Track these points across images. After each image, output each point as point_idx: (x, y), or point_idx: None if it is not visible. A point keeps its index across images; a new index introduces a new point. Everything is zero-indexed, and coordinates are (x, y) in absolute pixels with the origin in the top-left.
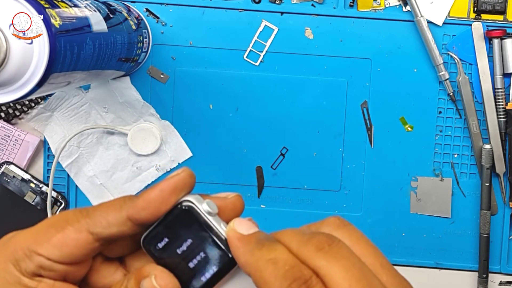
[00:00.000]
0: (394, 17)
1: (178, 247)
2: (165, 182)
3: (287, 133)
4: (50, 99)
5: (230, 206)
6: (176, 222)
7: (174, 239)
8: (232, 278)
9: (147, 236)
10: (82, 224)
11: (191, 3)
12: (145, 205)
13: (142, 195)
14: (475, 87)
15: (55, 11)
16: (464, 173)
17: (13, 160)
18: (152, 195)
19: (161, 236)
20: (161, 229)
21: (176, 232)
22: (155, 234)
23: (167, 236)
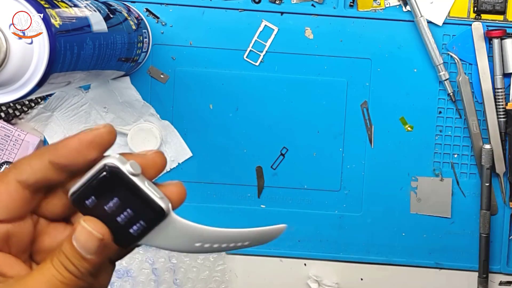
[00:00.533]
0: (394, 17)
1: (105, 205)
2: (84, 134)
3: (287, 133)
4: (50, 99)
5: (151, 163)
6: (102, 182)
7: (101, 198)
8: (162, 231)
9: (75, 193)
10: (9, 175)
11: (191, 3)
12: (64, 152)
13: (62, 141)
14: (475, 87)
15: (55, 11)
16: (464, 173)
17: (13, 160)
18: (71, 144)
19: (88, 194)
20: (88, 187)
21: (102, 191)
22: (82, 191)
23: (94, 194)
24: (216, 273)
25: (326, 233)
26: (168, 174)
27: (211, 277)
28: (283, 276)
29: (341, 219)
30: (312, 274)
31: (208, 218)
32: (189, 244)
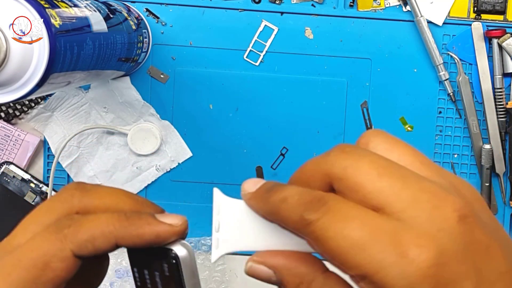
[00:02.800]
0: (394, 17)
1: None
2: (163, 227)
3: (287, 133)
4: (50, 99)
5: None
6: (159, 255)
7: (150, 266)
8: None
9: (135, 255)
10: (67, 252)
11: (191, 3)
12: (134, 241)
13: (136, 229)
14: (475, 87)
15: (55, 11)
16: (464, 173)
17: (13, 160)
18: (146, 236)
19: (142, 256)
20: (145, 251)
21: (154, 262)
22: (140, 258)
23: (147, 259)
24: (216, 273)
25: None
26: (168, 174)
27: (211, 277)
28: None
29: None
30: None
31: (208, 218)
32: None
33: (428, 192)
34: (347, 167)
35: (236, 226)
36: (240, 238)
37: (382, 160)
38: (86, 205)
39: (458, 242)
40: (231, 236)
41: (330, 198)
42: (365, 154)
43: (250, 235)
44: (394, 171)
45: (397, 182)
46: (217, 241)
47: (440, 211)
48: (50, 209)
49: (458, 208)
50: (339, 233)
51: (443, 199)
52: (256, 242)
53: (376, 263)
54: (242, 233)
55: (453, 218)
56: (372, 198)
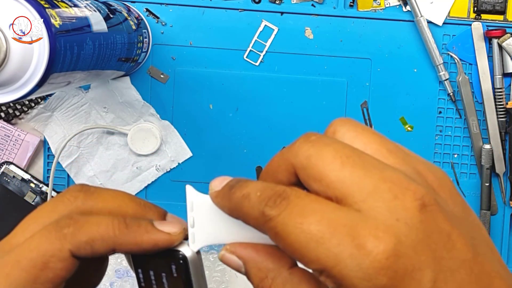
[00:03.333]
0: (394, 17)
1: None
2: (162, 236)
3: (287, 133)
4: (50, 99)
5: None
6: (166, 257)
7: (156, 267)
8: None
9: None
10: (65, 252)
11: (191, 3)
12: (131, 248)
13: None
14: (475, 87)
15: (55, 11)
16: (464, 173)
17: (13, 160)
18: (144, 245)
19: (148, 258)
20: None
21: (161, 264)
22: (145, 259)
23: (153, 261)
24: (216, 273)
25: None
26: (168, 174)
27: (211, 277)
28: None
29: None
30: None
31: None
32: None
33: (390, 181)
34: (311, 156)
35: (208, 221)
36: (213, 232)
37: (347, 149)
38: (89, 208)
39: (417, 231)
40: (205, 231)
41: (291, 192)
42: (329, 143)
43: (221, 229)
44: (357, 160)
45: (359, 172)
46: (193, 236)
47: (400, 200)
48: (52, 210)
49: (419, 197)
50: (298, 227)
51: (404, 188)
52: (227, 236)
53: (333, 257)
54: (215, 227)
55: (413, 207)
56: (334, 188)
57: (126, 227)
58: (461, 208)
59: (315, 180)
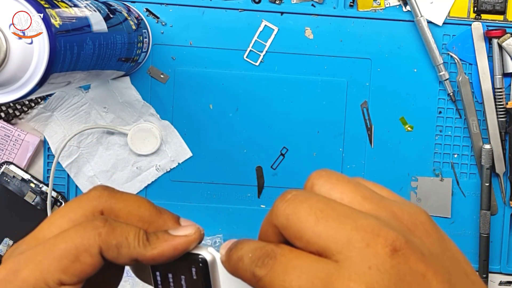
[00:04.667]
0: (394, 17)
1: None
2: (179, 240)
3: (287, 133)
4: (50, 99)
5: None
6: (186, 260)
7: (175, 270)
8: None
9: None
10: (96, 249)
11: (191, 3)
12: (156, 257)
13: (156, 248)
14: (475, 87)
15: (55, 11)
16: (464, 173)
17: (13, 160)
18: (165, 252)
19: (168, 266)
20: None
21: (181, 266)
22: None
23: (173, 263)
24: None
25: None
26: (168, 174)
27: None
28: None
29: None
30: None
31: (208, 218)
32: None
33: (362, 230)
34: (288, 216)
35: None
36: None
37: (320, 202)
38: (112, 206)
39: (389, 276)
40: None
41: (277, 250)
42: (304, 199)
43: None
44: (330, 212)
45: (333, 224)
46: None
47: (372, 247)
48: (78, 206)
49: (390, 242)
50: (281, 285)
51: (376, 235)
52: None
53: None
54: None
55: (384, 253)
56: (313, 243)
57: (147, 241)
58: (437, 245)
59: (295, 238)
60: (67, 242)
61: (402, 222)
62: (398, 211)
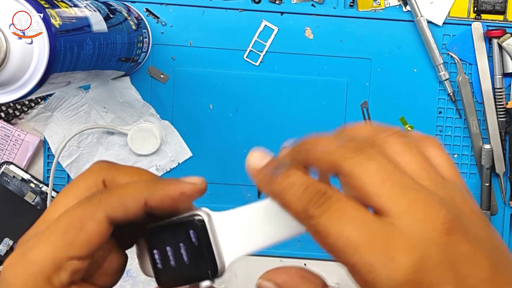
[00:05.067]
0: (394, 17)
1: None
2: (185, 186)
3: (287, 133)
4: (50, 99)
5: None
6: (183, 225)
7: (173, 240)
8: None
9: (154, 228)
10: (100, 210)
11: (191, 3)
12: (161, 199)
13: (160, 186)
14: (475, 87)
15: (55, 11)
16: (464, 173)
17: (13, 160)
18: (171, 192)
19: (167, 230)
20: (170, 226)
21: (178, 235)
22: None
23: (171, 233)
24: None
25: None
26: (168, 174)
27: None
28: None
29: None
30: None
31: None
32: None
33: (424, 203)
34: (356, 166)
35: (231, 235)
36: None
37: (389, 165)
38: (113, 177)
39: (442, 251)
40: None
41: (333, 194)
42: (375, 156)
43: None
44: (397, 178)
45: (397, 189)
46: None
47: (431, 222)
48: (80, 181)
49: (447, 221)
50: (338, 232)
51: (436, 211)
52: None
53: (368, 265)
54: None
55: (441, 230)
56: (372, 200)
57: (154, 183)
58: (486, 233)
59: (355, 189)
60: (71, 215)
61: (457, 206)
62: (455, 195)
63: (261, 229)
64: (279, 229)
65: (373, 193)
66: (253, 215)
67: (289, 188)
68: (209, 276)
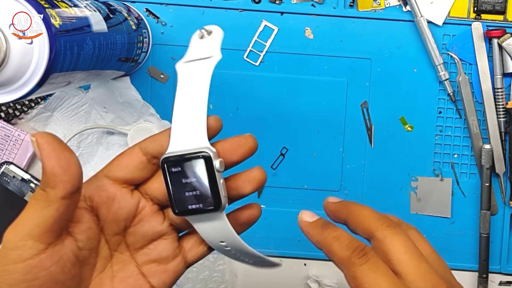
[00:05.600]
0: (394, 17)
1: (184, 178)
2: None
3: (287, 133)
4: (50, 99)
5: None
6: (193, 161)
7: (184, 171)
8: (208, 219)
9: (168, 158)
10: (135, 146)
11: (191, 3)
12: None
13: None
14: (475, 87)
15: (55, 11)
16: (464, 173)
17: (13, 160)
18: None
19: (177, 164)
20: (180, 160)
21: (189, 168)
22: (175, 159)
23: (182, 166)
24: (216, 273)
25: None
26: None
27: (211, 277)
28: (283, 276)
29: None
30: (312, 274)
31: None
32: (217, 238)
33: (432, 274)
34: (387, 236)
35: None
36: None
37: (411, 243)
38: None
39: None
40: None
41: (369, 252)
42: (401, 234)
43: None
44: (415, 252)
45: (415, 261)
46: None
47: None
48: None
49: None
50: (372, 282)
51: (440, 282)
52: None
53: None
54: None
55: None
56: (395, 264)
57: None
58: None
59: (382, 252)
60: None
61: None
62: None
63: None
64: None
65: (396, 259)
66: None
67: (336, 239)
68: (214, 208)
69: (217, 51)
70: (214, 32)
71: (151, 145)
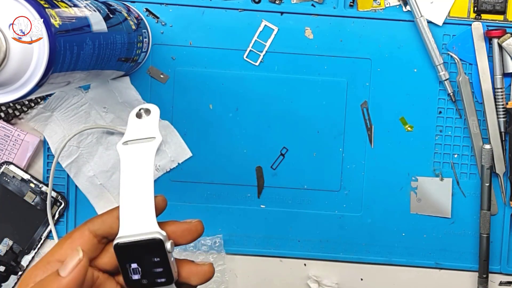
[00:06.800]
0: (394, 17)
1: (138, 260)
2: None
3: (287, 133)
4: (50, 99)
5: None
6: (145, 245)
7: (138, 254)
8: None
9: (122, 244)
10: (84, 226)
11: (191, 3)
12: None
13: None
14: (475, 87)
15: (55, 11)
16: (464, 173)
17: (13, 160)
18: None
19: (131, 248)
20: (133, 245)
21: (142, 250)
22: (128, 245)
23: (135, 250)
24: (216, 273)
25: (326, 233)
26: (168, 174)
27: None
28: (283, 276)
29: (341, 219)
30: (312, 274)
31: (208, 218)
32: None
33: None
34: None
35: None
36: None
37: None
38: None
39: None
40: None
41: None
42: None
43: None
44: None
45: None
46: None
47: None
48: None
49: None
50: None
51: None
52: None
53: None
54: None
55: None
56: None
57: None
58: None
59: None
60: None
61: None
62: None
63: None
64: None
65: None
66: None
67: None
68: (166, 281)
69: (157, 132)
70: (152, 111)
71: (101, 227)
